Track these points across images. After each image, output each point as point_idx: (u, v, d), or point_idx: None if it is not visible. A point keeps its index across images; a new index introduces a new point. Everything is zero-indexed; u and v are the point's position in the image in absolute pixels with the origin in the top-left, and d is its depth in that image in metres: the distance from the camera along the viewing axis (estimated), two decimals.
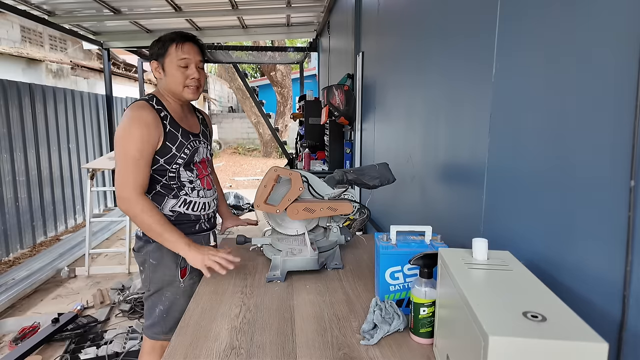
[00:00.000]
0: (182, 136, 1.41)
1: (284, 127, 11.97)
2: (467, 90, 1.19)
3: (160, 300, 1.46)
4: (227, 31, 5.75)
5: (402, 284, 1.01)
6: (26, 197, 4.44)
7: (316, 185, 1.39)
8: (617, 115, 0.63)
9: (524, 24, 0.90)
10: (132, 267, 3.69)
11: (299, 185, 1.32)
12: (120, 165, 1.31)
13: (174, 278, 1.45)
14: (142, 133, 1.31)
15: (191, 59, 1.40)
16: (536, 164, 0.85)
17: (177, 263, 1.44)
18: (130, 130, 1.31)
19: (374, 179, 1.40)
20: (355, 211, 1.35)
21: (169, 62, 1.38)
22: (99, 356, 2.29)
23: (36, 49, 7.51)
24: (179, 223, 1.43)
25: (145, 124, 1.32)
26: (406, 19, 1.86)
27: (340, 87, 2.91)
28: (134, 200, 1.30)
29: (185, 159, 1.42)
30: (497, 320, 0.56)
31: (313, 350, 0.86)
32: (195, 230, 1.49)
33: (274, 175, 1.34)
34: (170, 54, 1.38)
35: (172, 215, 1.43)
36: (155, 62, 1.41)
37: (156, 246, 1.41)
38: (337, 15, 4.30)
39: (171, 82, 1.40)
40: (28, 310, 2.99)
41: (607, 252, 0.65)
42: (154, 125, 1.33)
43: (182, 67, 1.38)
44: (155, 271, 1.45)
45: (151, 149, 1.34)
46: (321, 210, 1.32)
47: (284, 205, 1.32)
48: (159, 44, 1.40)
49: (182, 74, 1.39)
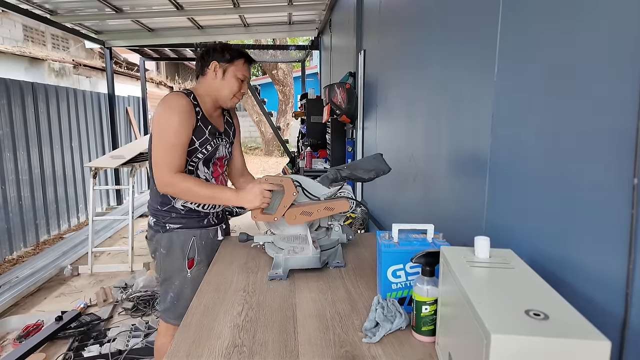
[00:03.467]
0: (210, 133, 1.51)
1: (286, 126, 11.97)
2: (469, 89, 1.19)
3: (170, 287, 1.55)
4: (229, 29, 5.75)
5: (404, 282, 1.01)
6: (29, 195, 4.46)
7: (310, 188, 1.39)
8: (620, 113, 0.63)
9: (526, 22, 0.89)
10: (134, 265, 3.71)
11: (292, 190, 1.32)
12: (159, 150, 1.40)
13: (182, 268, 1.53)
14: (180, 119, 1.40)
15: (247, 77, 1.57)
16: (538, 162, 0.84)
17: (185, 253, 1.52)
18: (168, 117, 1.40)
19: (369, 171, 1.40)
20: (353, 207, 1.35)
21: (233, 71, 1.52)
22: (102, 354, 2.30)
23: (38, 48, 7.53)
24: (188, 217, 1.54)
25: (182, 111, 1.41)
26: (408, 16, 1.85)
27: (342, 85, 2.90)
28: (177, 182, 1.39)
29: (205, 154, 1.51)
30: (500, 318, 0.56)
31: (315, 348, 0.86)
32: (202, 224, 1.57)
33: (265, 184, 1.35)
34: (237, 65, 1.52)
35: (183, 209, 1.53)
36: (217, 63, 1.51)
37: (166, 236, 1.52)
38: (338, 13, 4.29)
39: (225, 87, 1.52)
40: (32, 309, 3.00)
41: (609, 250, 0.65)
42: (190, 115, 1.43)
43: (240, 80, 1.54)
44: (164, 260, 1.54)
45: (187, 135, 1.43)
46: (318, 212, 1.32)
47: (281, 212, 1.33)
48: (230, 52, 1.52)
49: (239, 85, 1.54)
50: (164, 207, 1.52)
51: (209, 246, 1.57)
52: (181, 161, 1.42)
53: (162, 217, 1.53)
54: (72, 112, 5.34)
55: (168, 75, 11.96)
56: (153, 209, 1.55)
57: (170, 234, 1.52)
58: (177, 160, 1.40)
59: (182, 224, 1.53)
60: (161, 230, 1.52)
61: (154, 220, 1.55)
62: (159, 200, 1.52)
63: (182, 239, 1.52)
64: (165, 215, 1.52)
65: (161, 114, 1.40)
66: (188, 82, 12.64)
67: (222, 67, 1.51)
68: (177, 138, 1.40)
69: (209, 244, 1.58)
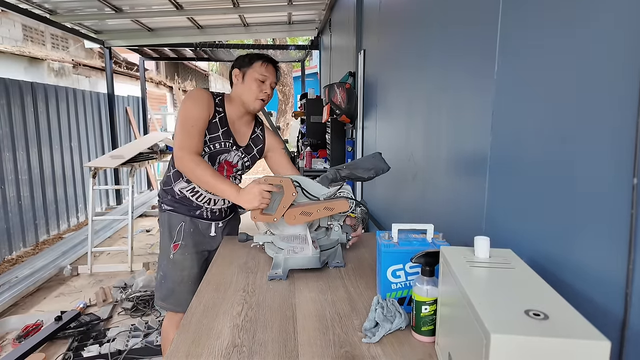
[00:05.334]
0: (223, 135, 1.58)
1: (286, 126, 11.97)
2: (469, 88, 1.19)
3: (160, 266, 1.68)
4: (229, 29, 5.75)
5: (404, 282, 1.01)
6: (29, 195, 4.46)
7: (310, 188, 1.39)
8: (620, 112, 0.63)
9: (526, 19, 0.89)
10: (134, 265, 3.71)
11: (291, 190, 1.32)
12: (178, 132, 1.50)
13: (168, 249, 1.65)
14: (198, 108, 1.50)
15: (268, 77, 1.60)
16: (539, 162, 0.84)
17: (172, 236, 1.64)
18: (187, 105, 1.51)
19: (368, 170, 1.40)
20: (352, 207, 1.35)
21: (251, 73, 1.58)
22: (101, 354, 2.30)
23: (38, 48, 7.52)
24: (180, 203, 1.65)
25: (201, 101, 1.51)
26: (407, 15, 1.85)
27: (341, 85, 2.90)
28: (186, 157, 1.44)
29: (212, 150, 1.57)
30: (499, 318, 0.56)
31: (315, 348, 0.86)
32: (195, 214, 1.66)
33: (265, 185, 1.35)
34: (255, 67, 1.58)
35: (179, 195, 1.63)
36: (238, 70, 1.61)
37: (163, 216, 1.67)
38: (338, 12, 4.29)
39: (246, 90, 1.58)
40: (31, 308, 3.00)
41: (609, 250, 0.65)
42: (208, 106, 1.53)
43: (260, 81, 1.58)
44: (160, 238, 1.69)
45: (203, 121, 1.51)
46: (318, 212, 1.32)
47: (280, 213, 1.33)
48: (247, 58, 1.61)
49: (258, 87, 1.58)
50: (165, 187, 1.66)
51: (198, 236, 1.67)
52: (195, 143, 1.48)
53: (163, 197, 1.68)
54: (72, 112, 5.33)
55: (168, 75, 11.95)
56: (160, 189, 1.72)
57: (164, 214, 1.66)
58: (190, 141, 1.47)
59: (174, 208, 1.65)
60: (160, 209, 1.69)
61: (159, 199, 1.71)
62: (165, 180, 1.67)
63: (173, 222, 1.64)
64: (165, 196, 1.67)
65: (183, 102, 1.52)
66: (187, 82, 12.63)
67: (241, 72, 1.59)
68: (194, 122, 1.48)
69: (198, 233, 1.67)
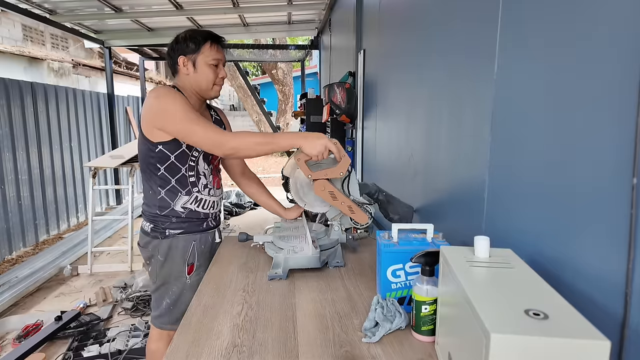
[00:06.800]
0: None
1: (286, 125, 11.96)
2: (469, 88, 1.19)
3: (167, 293, 1.50)
4: (229, 29, 5.74)
5: (404, 282, 1.01)
6: (29, 195, 4.46)
7: (351, 183, 1.39)
8: (619, 112, 0.63)
9: (526, 20, 0.89)
10: (134, 265, 3.70)
11: (343, 169, 1.29)
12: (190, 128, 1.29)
13: (181, 274, 1.49)
14: (181, 99, 1.33)
15: (221, 59, 1.45)
16: (538, 162, 0.84)
17: (185, 259, 1.48)
18: (174, 101, 1.31)
19: (396, 214, 1.45)
20: (367, 224, 1.35)
21: (202, 59, 1.41)
22: (101, 354, 2.31)
23: (38, 48, 7.52)
24: (189, 220, 1.49)
25: (175, 94, 1.34)
26: (407, 15, 1.85)
27: (341, 85, 2.90)
28: (230, 138, 1.28)
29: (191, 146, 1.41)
30: (499, 318, 0.56)
31: (315, 348, 0.86)
32: (202, 228, 1.53)
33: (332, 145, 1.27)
34: (204, 52, 1.41)
35: (183, 212, 1.47)
36: (184, 57, 1.41)
37: (165, 243, 1.46)
38: (338, 12, 4.29)
39: (202, 79, 1.42)
40: (31, 308, 3.00)
41: (609, 250, 0.65)
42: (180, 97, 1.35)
43: (213, 65, 1.43)
44: (162, 267, 1.48)
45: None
46: (342, 204, 1.32)
47: (318, 176, 1.30)
48: (192, 41, 1.40)
49: (214, 72, 1.43)
50: (163, 212, 1.45)
51: (209, 250, 1.56)
52: (214, 125, 1.32)
53: (162, 223, 1.46)
54: (72, 112, 5.34)
55: (167, 75, 11.95)
56: (151, 215, 1.47)
57: (170, 240, 1.46)
58: (211, 125, 1.31)
59: (183, 229, 1.47)
60: (160, 236, 1.46)
61: (152, 226, 1.47)
62: (156, 204, 1.45)
63: (183, 245, 1.47)
64: (165, 221, 1.46)
65: (165, 102, 1.32)
66: None
67: (190, 60, 1.41)
68: (193, 111, 1.32)
69: (207, 248, 1.56)
